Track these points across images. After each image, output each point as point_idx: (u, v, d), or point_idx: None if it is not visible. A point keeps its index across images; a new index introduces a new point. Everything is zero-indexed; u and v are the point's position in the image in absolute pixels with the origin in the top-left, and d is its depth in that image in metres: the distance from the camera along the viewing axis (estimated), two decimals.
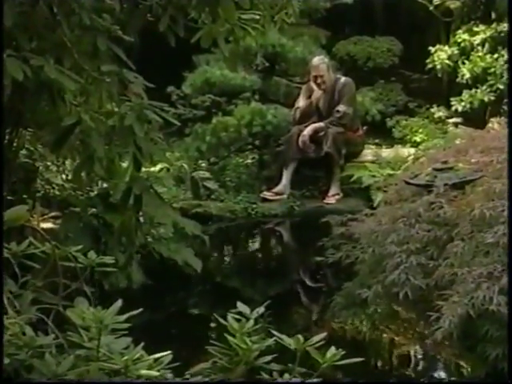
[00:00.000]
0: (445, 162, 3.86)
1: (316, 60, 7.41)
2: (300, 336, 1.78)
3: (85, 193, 4.89)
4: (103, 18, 2.90)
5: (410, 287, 3.08)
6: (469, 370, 3.14)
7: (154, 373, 1.64)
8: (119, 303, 1.83)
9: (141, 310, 1.88)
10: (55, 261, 2.20)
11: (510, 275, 2.81)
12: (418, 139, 8.45)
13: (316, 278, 5.14)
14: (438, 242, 3.25)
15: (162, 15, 2.94)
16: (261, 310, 1.95)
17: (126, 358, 1.64)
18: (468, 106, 8.52)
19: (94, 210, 4.50)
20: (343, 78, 7.52)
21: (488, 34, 8.59)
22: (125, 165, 3.11)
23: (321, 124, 7.25)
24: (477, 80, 8.55)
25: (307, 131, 7.19)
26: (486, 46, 8.60)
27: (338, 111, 7.24)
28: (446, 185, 3.56)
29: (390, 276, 3.15)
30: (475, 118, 8.34)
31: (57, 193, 5.17)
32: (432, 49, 8.98)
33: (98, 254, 2.35)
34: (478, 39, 8.67)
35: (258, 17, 3.14)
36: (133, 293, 4.18)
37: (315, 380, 1.74)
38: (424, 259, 3.18)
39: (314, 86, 7.43)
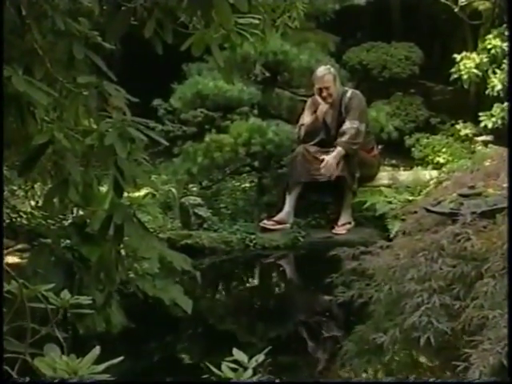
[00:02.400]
0: (472, 187, 3.86)
1: (320, 70, 7.44)
2: None
3: (57, 222, 4.89)
4: (80, 22, 2.92)
5: (432, 332, 3.07)
6: None
7: None
8: (97, 350, 1.82)
9: (122, 358, 1.88)
10: (22, 301, 2.19)
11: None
12: (441, 160, 8.48)
13: (324, 320, 5.13)
14: (465, 279, 3.25)
15: (147, 19, 2.95)
16: (260, 357, 1.95)
17: None
18: (499, 121, 8.54)
19: (67, 241, 4.50)
20: (350, 91, 7.54)
21: None
22: (104, 189, 3.11)
23: (340, 150, 7.17)
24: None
25: (335, 158, 7.15)
26: None
27: (351, 128, 7.22)
28: (473, 213, 3.55)
29: (410, 318, 3.14)
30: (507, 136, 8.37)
31: (24, 222, 5.17)
32: (457, 56, 9.01)
33: (72, 294, 2.35)
34: None
35: (257, 21, 3.16)
36: (112, 338, 4.17)
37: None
38: (449, 299, 3.17)
39: (320, 99, 7.46)
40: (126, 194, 3.28)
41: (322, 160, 7.12)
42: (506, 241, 3.05)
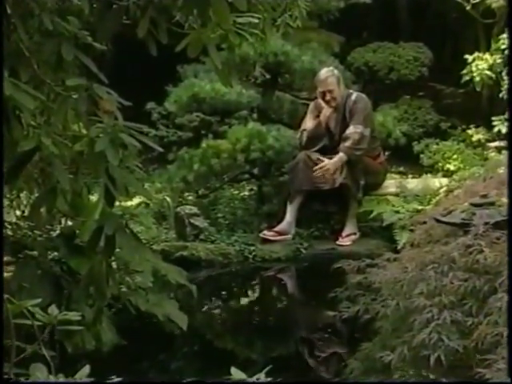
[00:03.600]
0: (485, 196, 3.86)
1: (323, 73, 7.43)
2: None
3: (44, 233, 4.88)
4: (69, 22, 2.92)
5: (443, 350, 3.06)
6: None
7: None
8: (86, 370, 1.82)
9: (113, 378, 1.88)
10: (7, 318, 2.19)
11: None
12: (451, 167, 8.48)
13: (327, 336, 5.12)
14: (478, 294, 3.24)
15: (140, 18, 2.95)
16: (261, 376, 1.95)
17: None
18: None
19: (55, 253, 4.50)
20: (355, 94, 7.53)
21: None
22: (94, 198, 3.11)
23: (342, 156, 7.17)
24: None
25: (335, 165, 7.13)
26: None
27: (354, 133, 7.22)
28: (486, 224, 3.55)
29: (419, 335, 3.14)
30: None
31: (9, 233, 5.16)
32: (469, 57, 9.02)
33: (60, 309, 2.35)
34: None
35: (256, 20, 3.16)
36: (103, 356, 4.16)
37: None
38: (460, 315, 3.16)
39: (323, 103, 7.46)
40: (117, 204, 3.28)
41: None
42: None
